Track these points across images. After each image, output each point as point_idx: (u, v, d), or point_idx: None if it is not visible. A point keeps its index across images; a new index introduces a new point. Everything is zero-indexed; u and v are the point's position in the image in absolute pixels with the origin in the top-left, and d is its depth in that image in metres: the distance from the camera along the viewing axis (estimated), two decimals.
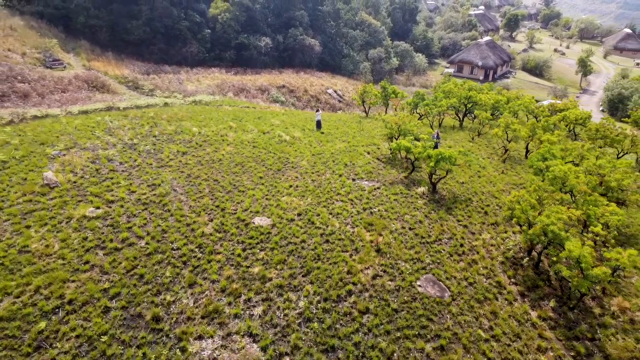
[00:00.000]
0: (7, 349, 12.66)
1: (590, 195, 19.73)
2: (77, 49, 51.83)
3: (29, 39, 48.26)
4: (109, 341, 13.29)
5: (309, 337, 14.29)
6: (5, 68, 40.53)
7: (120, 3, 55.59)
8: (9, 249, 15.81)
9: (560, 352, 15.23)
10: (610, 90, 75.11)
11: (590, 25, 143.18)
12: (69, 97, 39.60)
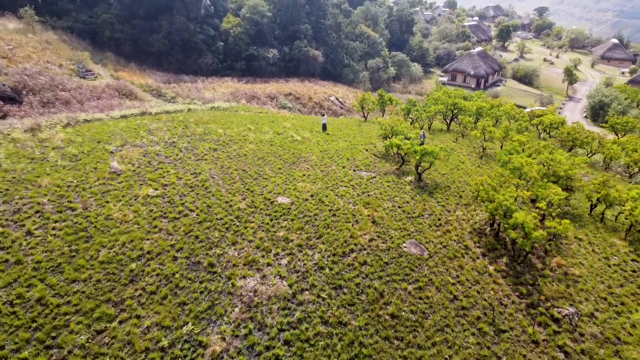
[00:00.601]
0: (110, 281, 18.02)
1: (539, 181, 25.15)
2: (104, 60, 57.37)
3: (63, 52, 53.82)
4: (180, 278, 18.66)
5: (322, 279, 19.66)
6: (48, 78, 46.02)
7: (143, 18, 61.27)
8: (97, 217, 21.17)
9: (508, 292, 20.62)
10: (592, 98, 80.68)
11: (580, 35, 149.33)
12: (104, 104, 45.04)
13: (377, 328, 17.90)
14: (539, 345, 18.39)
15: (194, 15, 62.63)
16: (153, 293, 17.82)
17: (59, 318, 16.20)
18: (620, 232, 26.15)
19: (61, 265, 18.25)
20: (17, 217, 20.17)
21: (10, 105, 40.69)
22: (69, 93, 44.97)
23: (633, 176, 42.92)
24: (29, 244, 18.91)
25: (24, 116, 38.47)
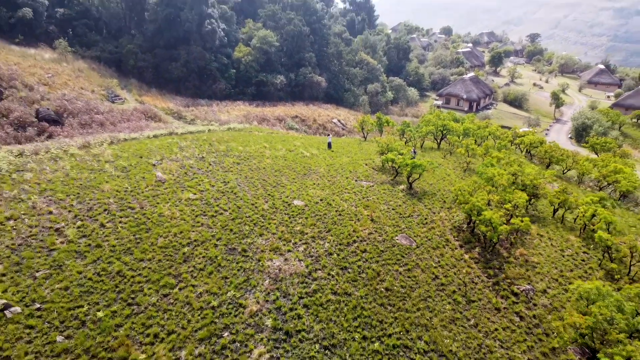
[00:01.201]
0: (169, 260, 23.38)
1: (507, 187, 30.71)
2: (129, 86, 63.45)
3: (93, 79, 59.94)
4: (221, 259, 24.05)
5: (331, 261, 25.04)
6: (84, 103, 51.97)
7: (163, 48, 67.63)
8: (152, 214, 26.63)
9: (479, 274, 25.99)
10: (576, 120, 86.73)
11: (569, 61, 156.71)
12: (134, 125, 50.84)
13: (374, 297, 23.23)
14: (501, 311, 23.71)
15: (209, 46, 69.02)
16: (202, 270, 23.21)
17: (135, 285, 21.56)
18: (576, 230, 31.62)
19: (130, 248, 23.68)
20: (90, 213, 25.66)
21: (54, 126, 46.59)
22: (102, 116, 50.82)
23: (603, 189, 48.58)
24: (104, 233, 24.37)
25: (67, 136, 44.30)
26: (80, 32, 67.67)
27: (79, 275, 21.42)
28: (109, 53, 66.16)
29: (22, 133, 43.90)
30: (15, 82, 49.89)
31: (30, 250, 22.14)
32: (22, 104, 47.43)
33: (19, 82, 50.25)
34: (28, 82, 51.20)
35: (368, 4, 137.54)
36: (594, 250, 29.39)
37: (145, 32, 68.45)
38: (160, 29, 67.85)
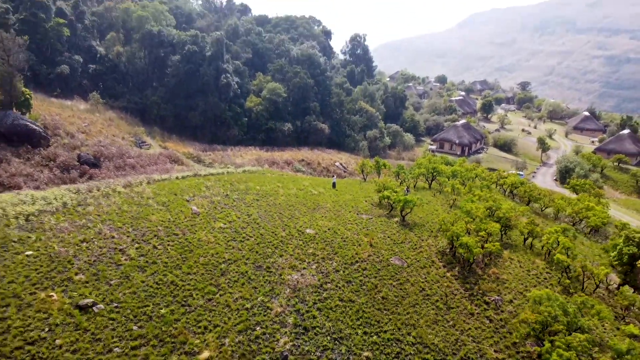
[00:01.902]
0: (209, 274, 29.51)
1: (483, 219, 37.11)
2: (152, 133, 70.80)
3: (122, 127, 67.33)
4: (250, 274, 30.17)
5: (338, 276, 31.15)
6: (116, 148, 59.05)
7: (183, 98, 75.49)
8: (192, 239, 32.89)
9: (457, 287, 32.03)
10: (560, 164, 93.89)
11: (557, 108, 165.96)
12: (161, 168, 57.65)
13: (373, 303, 29.25)
14: (474, 315, 29.66)
15: (224, 97, 76.90)
16: (236, 281, 29.32)
17: (185, 292, 27.65)
18: (542, 255, 37.81)
19: (179, 265, 29.87)
20: (144, 238, 31.98)
21: (94, 169, 53.48)
22: (133, 159, 57.79)
23: (575, 224, 54.93)
24: (157, 253, 30.63)
25: (105, 177, 50.95)
26: (109, 85, 75.72)
27: (142, 283, 27.55)
28: (134, 104, 73.91)
29: (67, 175, 50.74)
30: (59, 131, 57.15)
31: (103, 265, 28.34)
32: (66, 150, 54.50)
33: (62, 131, 57.52)
34: (69, 131, 58.46)
35: (367, 56, 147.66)
36: (555, 270, 35.52)
37: (167, 84, 76.46)
38: (181, 82, 75.92)
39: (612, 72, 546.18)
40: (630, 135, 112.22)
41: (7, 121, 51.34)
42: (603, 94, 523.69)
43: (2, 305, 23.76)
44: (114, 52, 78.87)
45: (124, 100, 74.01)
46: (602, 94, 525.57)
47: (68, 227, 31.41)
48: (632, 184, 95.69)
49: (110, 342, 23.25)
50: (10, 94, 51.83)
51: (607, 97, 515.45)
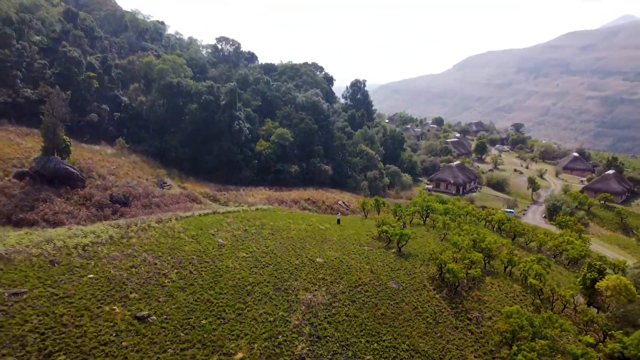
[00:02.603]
0: (237, 294, 35.57)
1: (468, 249, 43.35)
2: (172, 174, 77.65)
3: (145, 169, 74.24)
4: (271, 294, 36.21)
5: (344, 297, 37.18)
6: (142, 189, 65.65)
7: (199, 143, 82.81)
8: (221, 266, 39.05)
9: (445, 306, 37.99)
10: (548, 202, 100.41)
11: (549, 149, 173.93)
12: (182, 206, 64.06)
13: (373, 318, 35.18)
14: (458, 329, 35.54)
15: (236, 141, 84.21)
16: (260, 300, 35.36)
17: (219, 308, 33.65)
18: (519, 281, 43.84)
19: (212, 286, 35.97)
20: (182, 264, 38.18)
21: (124, 207, 59.92)
22: (158, 199, 64.31)
23: (556, 256, 61.03)
24: (193, 276, 36.76)
25: (134, 215, 57.28)
26: (132, 131, 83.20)
27: (184, 301, 33.62)
28: (155, 148, 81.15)
29: (101, 212, 57.18)
30: (92, 173, 63.99)
31: (151, 286, 34.48)
32: (99, 190, 61.14)
33: (95, 173, 64.35)
34: (101, 173, 65.28)
35: (366, 100, 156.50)
36: (529, 293, 41.53)
37: (184, 130, 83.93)
38: (198, 128, 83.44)
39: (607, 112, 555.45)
40: (615, 175, 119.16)
41: (50, 165, 58.19)
42: (599, 134, 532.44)
43: (78, 315, 29.81)
44: (137, 101, 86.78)
45: (145, 144, 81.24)
46: (598, 133, 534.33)
47: (118, 256, 37.68)
48: (617, 221, 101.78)
49: (164, 345, 29.20)
50: (53, 141, 58.84)
51: (603, 137, 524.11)
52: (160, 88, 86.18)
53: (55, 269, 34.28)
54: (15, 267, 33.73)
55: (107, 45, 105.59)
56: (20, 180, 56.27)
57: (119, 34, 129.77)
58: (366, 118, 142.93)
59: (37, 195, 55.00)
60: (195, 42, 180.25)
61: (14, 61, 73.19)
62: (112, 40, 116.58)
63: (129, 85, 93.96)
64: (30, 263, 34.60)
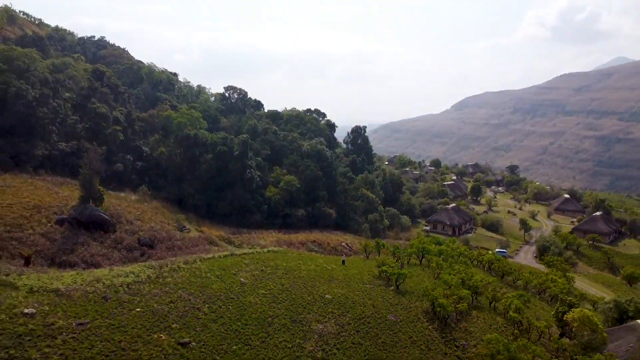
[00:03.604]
0: (260, 325, 42.15)
1: (457, 286, 50.08)
2: (189, 219, 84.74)
3: (165, 214, 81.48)
4: (289, 324, 42.80)
5: (350, 327, 43.75)
6: (165, 233, 72.70)
7: (214, 190, 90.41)
8: (245, 301, 45.69)
9: (436, 335, 44.51)
10: (538, 243, 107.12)
11: (542, 190, 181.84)
12: (202, 249, 70.87)
13: (375, 345, 41.68)
14: (447, 354, 41.98)
15: (248, 188, 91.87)
16: (279, 329, 41.91)
17: (247, 336, 40.16)
18: (502, 314, 50.35)
19: (239, 318, 42.54)
20: (212, 300, 44.86)
21: (150, 249, 66.82)
22: (179, 242, 71.28)
23: (540, 293, 67.47)
24: (222, 310, 43.39)
25: (160, 257, 64.04)
26: (153, 179, 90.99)
27: (216, 330, 40.22)
28: (173, 194, 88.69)
29: (131, 254, 64.10)
30: (121, 219, 71.23)
31: (189, 318, 41.15)
32: (128, 234, 68.24)
33: (124, 218, 71.60)
34: (128, 218, 72.53)
35: (366, 145, 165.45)
36: (510, 325, 48.01)
37: (200, 178, 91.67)
38: (212, 176, 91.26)
39: (604, 152, 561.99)
40: (602, 217, 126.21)
41: (87, 212, 65.52)
42: (596, 173, 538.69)
43: (133, 341, 36.42)
44: (157, 151, 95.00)
45: (164, 191, 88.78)
46: (595, 172, 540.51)
47: (158, 292, 44.48)
48: (604, 260, 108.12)
49: None
50: (90, 191, 66.38)
51: (601, 176, 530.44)
52: (178, 139, 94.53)
53: (108, 304, 41.02)
54: (74, 302, 40.46)
55: (127, 98, 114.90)
56: (60, 226, 63.42)
57: (135, 85, 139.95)
58: (366, 162, 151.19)
59: (76, 240, 62.05)
60: (204, 90, 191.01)
61: (50, 118, 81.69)
62: (130, 92, 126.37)
63: (148, 136, 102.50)
64: (86, 299, 41.36)
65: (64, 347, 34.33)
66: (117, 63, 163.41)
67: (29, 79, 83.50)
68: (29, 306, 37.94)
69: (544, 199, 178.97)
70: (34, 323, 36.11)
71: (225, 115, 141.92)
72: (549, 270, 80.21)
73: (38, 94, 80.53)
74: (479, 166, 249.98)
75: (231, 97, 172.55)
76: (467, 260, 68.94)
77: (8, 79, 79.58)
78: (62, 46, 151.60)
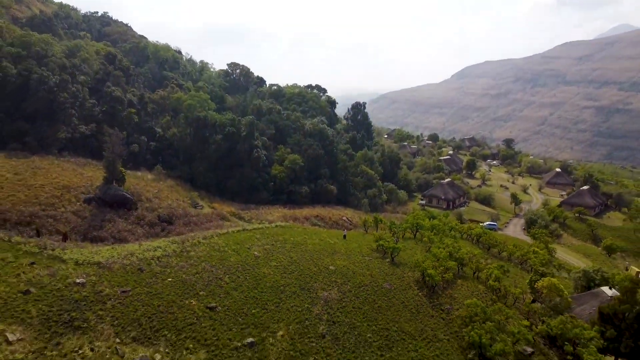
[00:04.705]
0: (274, 292, 49.26)
1: (444, 258, 57.14)
2: (202, 196, 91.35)
3: (180, 192, 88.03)
4: (298, 292, 49.92)
5: (351, 294, 50.94)
6: (182, 210, 79.40)
7: (224, 169, 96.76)
8: (259, 272, 52.71)
9: (425, 301, 51.79)
10: (526, 216, 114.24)
11: (535, 164, 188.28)
12: (215, 224, 77.63)
13: (372, 310, 48.89)
14: (434, 317, 49.29)
15: (255, 167, 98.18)
16: (290, 296, 49.03)
17: (264, 301, 47.28)
18: (483, 283, 57.57)
19: (255, 287, 49.62)
20: (231, 271, 51.86)
21: (169, 225, 73.62)
22: (195, 218, 78.03)
23: (522, 263, 74.69)
24: (241, 280, 50.44)
25: (179, 232, 70.89)
26: (166, 159, 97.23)
27: (238, 297, 47.32)
28: (185, 173, 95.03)
29: (152, 230, 70.95)
30: (141, 197, 77.83)
31: (213, 286, 48.21)
32: (148, 211, 74.94)
33: (143, 197, 78.21)
34: (147, 197, 79.13)
35: (366, 121, 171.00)
36: (490, 292, 55.25)
37: (210, 157, 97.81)
38: (221, 155, 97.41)
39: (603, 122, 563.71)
40: (589, 191, 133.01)
41: (111, 192, 72.08)
42: (594, 143, 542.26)
43: (169, 306, 43.51)
44: (169, 132, 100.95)
45: (177, 170, 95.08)
46: (594, 143, 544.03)
47: (185, 265, 51.46)
48: (588, 232, 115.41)
49: (229, 325, 42.91)
50: (113, 173, 72.76)
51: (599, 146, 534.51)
52: (188, 121, 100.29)
53: (143, 275, 48.04)
54: (115, 273, 47.46)
55: (137, 79, 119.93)
56: (88, 205, 70.13)
57: (142, 64, 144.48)
58: (366, 138, 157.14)
59: (103, 217, 68.86)
60: (207, 66, 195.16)
61: (70, 102, 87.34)
62: (139, 71, 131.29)
63: (159, 117, 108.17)
64: (125, 270, 48.35)
65: (113, 311, 41.50)
66: (123, 41, 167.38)
67: (48, 65, 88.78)
68: (79, 277, 44.98)
69: (537, 173, 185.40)
70: (86, 291, 43.22)
71: (229, 93, 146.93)
72: (534, 242, 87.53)
73: (58, 80, 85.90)
74: (475, 140, 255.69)
75: (234, 73, 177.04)
76: (457, 234, 75.90)
77: (30, 66, 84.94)
78: (68, 24, 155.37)
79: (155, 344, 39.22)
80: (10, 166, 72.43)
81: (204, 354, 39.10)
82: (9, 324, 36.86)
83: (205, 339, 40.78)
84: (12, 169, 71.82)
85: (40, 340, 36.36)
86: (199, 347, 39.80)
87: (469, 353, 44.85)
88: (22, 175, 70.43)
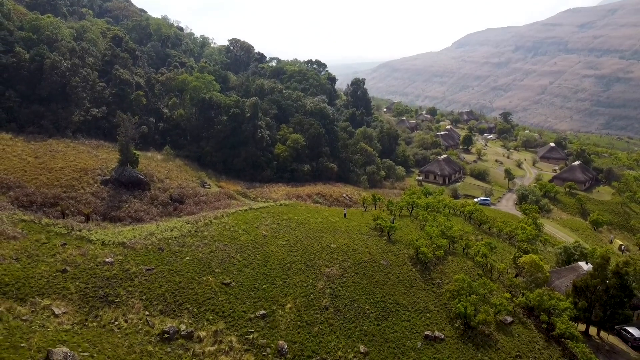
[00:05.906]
0: (281, 268, 54.66)
1: (436, 236, 62.42)
2: (209, 175, 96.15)
3: (188, 172, 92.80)
4: (303, 268, 55.34)
5: (351, 270, 56.41)
6: (191, 189, 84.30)
7: (228, 148, 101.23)
8: (267, 250, 57.99)
9: (418, 276, 57.32)
10: (518, 191, 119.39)
11: (530, 138, 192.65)
12: (223, 203, 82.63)
13: (370, 284, 54.41)
14: (425, 290, 54.87)
15: (259, 146, 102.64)
16: (296, 272, 54.42)
17: (272, 277, 52.65)
18: (472, 259, 63.04)
19: (264, 264, 54.94)
20: (242, 249, 57.13)
21: (180, 205, 78.66)
22: (204, 197, 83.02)
23: (511, 239, 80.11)
24: (251, 257, 55.75)
25: (190, 212, 75.90)
26: (173, 139, 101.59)
27: (249, 273, 52.68)
28: (193, 152, 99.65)
29: (165, 209, 76.03)
30: (153, 177, 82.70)
31: (227, 264, 53.55)
32: (161, 192, 79.92)
33: (155, 178, 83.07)
34: (159, 177, 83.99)
35: (365, 97, 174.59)
36: (477, 267, 60.74)
37: (216, 137, 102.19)
38: (227, 135, 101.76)
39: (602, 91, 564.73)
40: (580, 166, 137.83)
41: (126, 174, 76.88)
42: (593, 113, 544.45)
43: (189, 282, 48.90)
44: (176, 113, 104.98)
45: (185, 150, 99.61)
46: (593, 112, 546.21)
47: (200, 244, 56.71)
48: (577, 206, 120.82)
49: (243, 299, 48.39)
50: (126, 155, 77.35)
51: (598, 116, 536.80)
52: (195, 102, 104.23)
53: (164, 254, 53.32)
54: (138, 253, 52.72)
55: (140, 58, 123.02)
56: (105, 186, 75.08)
57: (145, 42, 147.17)
58: (365, 114, 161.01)
59: (120, 198, 73.93)
60: (207, 41, 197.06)
61: (82, 85, 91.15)
62: (143, 50, 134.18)
63: (165, 98, 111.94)
64: (146, 250, 53.60)
65: (141, 287, 46.92)
66: (124, 16, 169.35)
67: (59, 49, 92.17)
68: (107, 256, 50.27)
69: (533, 147, 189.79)
70: (115, 269, 48.57)
71: (231, 68, 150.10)
72: (523, 217, 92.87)
73: (69, 64, 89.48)
74: (472, 114, 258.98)
75: (235, 50, 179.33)
76: (451, 211, 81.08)
77: (42, 51, 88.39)
78: (70, 1, 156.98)
79: (180, 315, 44.71)
80: (30, 150, 77.01)
81: (222, 324, 44.60)
82: (53, 299, 42.29)
83: (223, 311, 46.27)
84: (33, 152, 76.44)
85: (81, 313, 41.85)
86: (217, 318, 45.30)
87: (455, 322, 50.56)
88: (43, 159, 75.11)
